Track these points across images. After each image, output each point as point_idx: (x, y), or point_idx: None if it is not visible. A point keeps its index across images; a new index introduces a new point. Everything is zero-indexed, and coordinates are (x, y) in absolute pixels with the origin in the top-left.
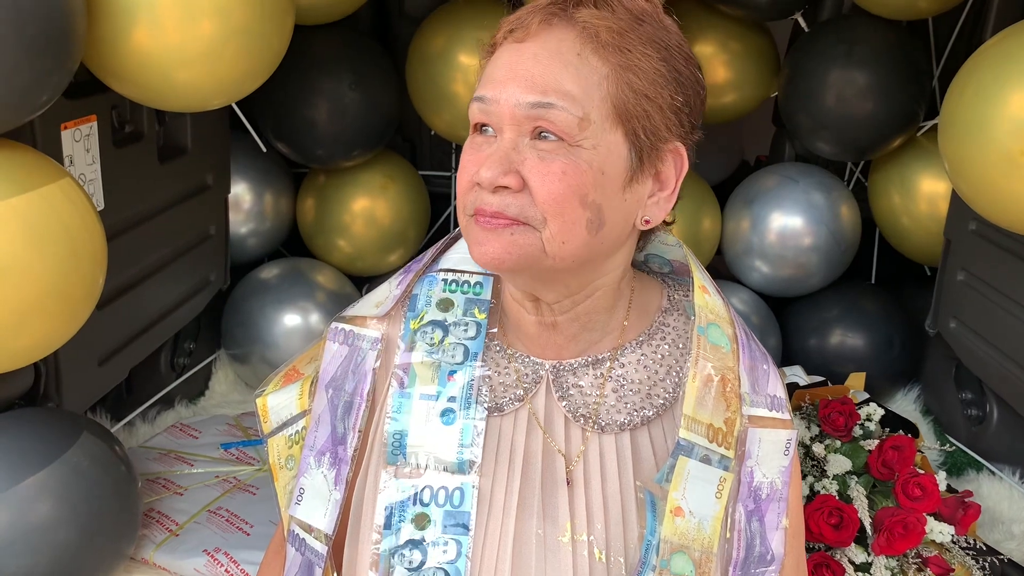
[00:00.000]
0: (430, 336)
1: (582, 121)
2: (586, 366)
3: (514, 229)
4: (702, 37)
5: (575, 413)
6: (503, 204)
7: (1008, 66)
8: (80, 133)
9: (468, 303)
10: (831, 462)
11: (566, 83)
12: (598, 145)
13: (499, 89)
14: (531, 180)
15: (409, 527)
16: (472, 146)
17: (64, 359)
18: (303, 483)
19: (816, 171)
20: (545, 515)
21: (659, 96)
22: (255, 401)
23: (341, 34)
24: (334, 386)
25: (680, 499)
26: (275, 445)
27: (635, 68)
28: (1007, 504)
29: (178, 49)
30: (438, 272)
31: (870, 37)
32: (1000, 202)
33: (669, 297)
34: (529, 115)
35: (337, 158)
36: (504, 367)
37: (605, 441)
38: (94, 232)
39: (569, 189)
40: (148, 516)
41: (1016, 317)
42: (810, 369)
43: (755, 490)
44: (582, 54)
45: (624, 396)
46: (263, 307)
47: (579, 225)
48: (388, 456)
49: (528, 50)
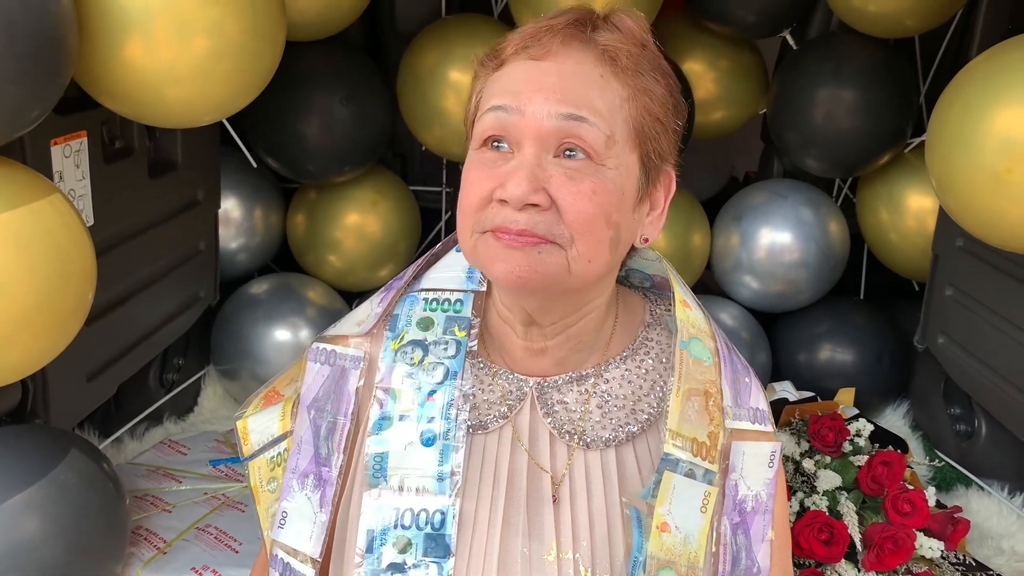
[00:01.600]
0: (410, 356)
1: (609, 139)
2: (571, 382)
3: (541, 248)
4: (691, 54)
5: (560, 429)
6: (531, 222)
7: (994, 84)
8: (70, 149)
9: (448, 321)
10: (821, 478)
11: (595, 100)
12: (619, 166)
13: (524, 100)
14: (561, 199)
15: (391, 551)
16: (483, 162)
17: (52, 375)
18: (285, 506)
19: (805, 187)
20: (530, 533)
21: (667, 120)
22: (235, 423)
23: (333, 50)
24: (316, 407)
25: (666, 514)
26: (256, 467)
27: (650, 92)
28: (996, 519)
29: (170, 66)
30: (419, 292)
31: (858, 55)
32: (987, 218)
33: (651, 312)
34: (559, 128)
35: (328, 174)
36: (488, 384)
37: (590, 457)
38: (83, 248)
39: (599, 208)
40: (136, 534)
41: (1004, 332)
42: (800, 384)
43: (740, 503)
44: (604, 75)
45: (609, 412)
46: (253, 323)
47: (604, 244)
48: (370, 479)
49: (550, 67)
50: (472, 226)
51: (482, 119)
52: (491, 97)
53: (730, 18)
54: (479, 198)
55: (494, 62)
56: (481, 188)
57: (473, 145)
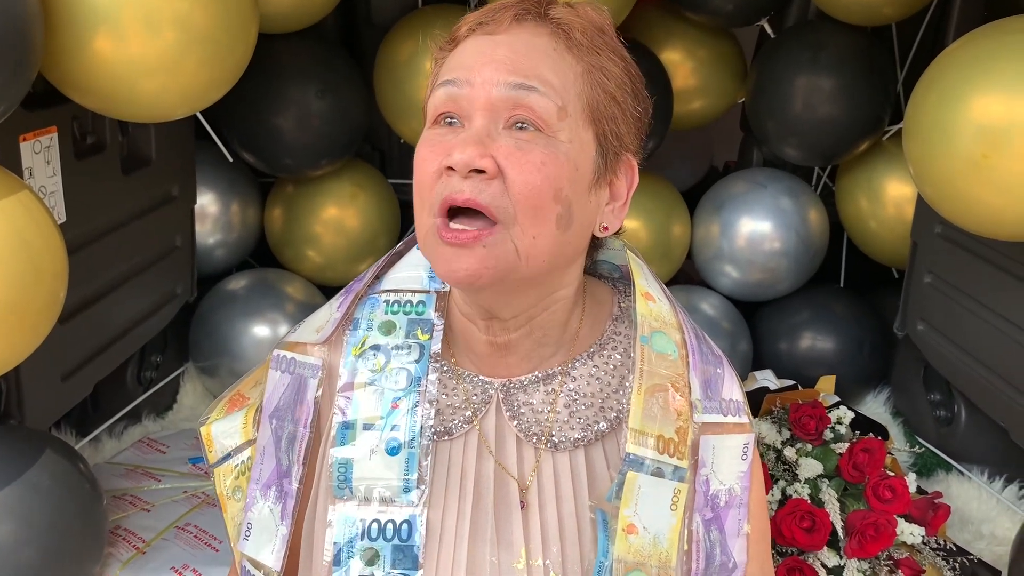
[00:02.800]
0: (372, 362)
1: (561, 110)
2: (536, 382)
3: (485, 240)
4: (669, 44)
5: (527, 432)
6: (476, 190)
7: (970, 70)
8: (40, 145)
9: (411, 324)
10: (802, 466)
11: (546, 72)
12: (573, 140)
13: (473, 72)
14: (508, 168)
15: (358, 563)
16: (433, 137)
17: (26, 375)
18: (250, 517)
19: (784, 176)
20: (499, 541)
21: (625, 102)
22: (199, 430)
23: (308, 42)
24: (277, 416)
25: (632, 516)
26: (221, 475)
27: (605, 70)
28: (976, 504)
29: (139, 59)
30: (380, 293)
31: (835, 43)
32: (964, 205)
33: (619, 304)
34: (508, 98)
35: (305, 167)
36: (452, 388)
37: (559, 460)
38: (54, 246)
39: (547, 181)
40: (114, 534)
41: (982, 319)
42: (780, 373)
43: (712, 499)
44: (557, 49)
45: (577, 411)
46: (231, 319)
47: (550, 220)
48: (334, 489)
49: (502, 40)
50: (428, 207)
51: (433, 95)
52: (443, 72)
53: (708, 7)
54: (429, 173)
55: (450, 45)
56: (431, 163)
57: (426, 125)
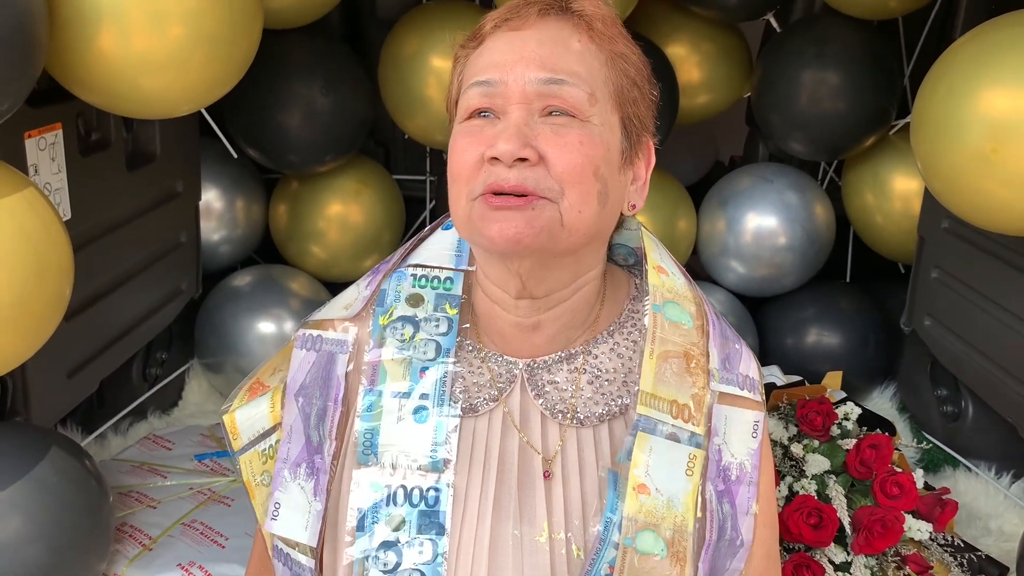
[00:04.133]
0: (400, 332)
1: (591, 97)
2: (560, 361)
3: (534, 204)
4: (675, 38)
5: (552, 410)
6: (522, 177)
7: (978, 65)
8: (45, 142)
9: (439, 298)
10: (809, 462)
11: (574, 64)
12: (604, 123)
13: (505, 71)
14: (548, 152)
15: (384, 528)
16: (471, 129)
17: (32, 372)
18: (279, 497)
19: (790, 171)
20: (522, 515)
21: (643, 86)
22: (222, 419)
23: (312, 38)
24: (304, 394)
25: (643, 476)
26: (248, 462)
27: (626, 57)
28: (984, 500)
29: (144, 56)
30: (407, 268)
31: (841, 37)
32: (972, 200)
33: (635, 285)
34: (541, 92)
35: (310, 163)
36: (477, 367)
37: (583, 435)
38: (59, 242)
39: (586, 159)
40: (121, 531)
41: (989, 314)
42: (787, 369)
43: (724, 470)
44: (581, 41)
45: (600, 387)
46: (236, 315)
47: (592, 196)
48: (359, 456)
49: (530, 36)
50: (467, 193)
51: (466, 94)
52: (474, 73)
53: (714, 1)
54: (470, 162)
55: (474, 42)
56: (471, 152)
57: (458, 120)
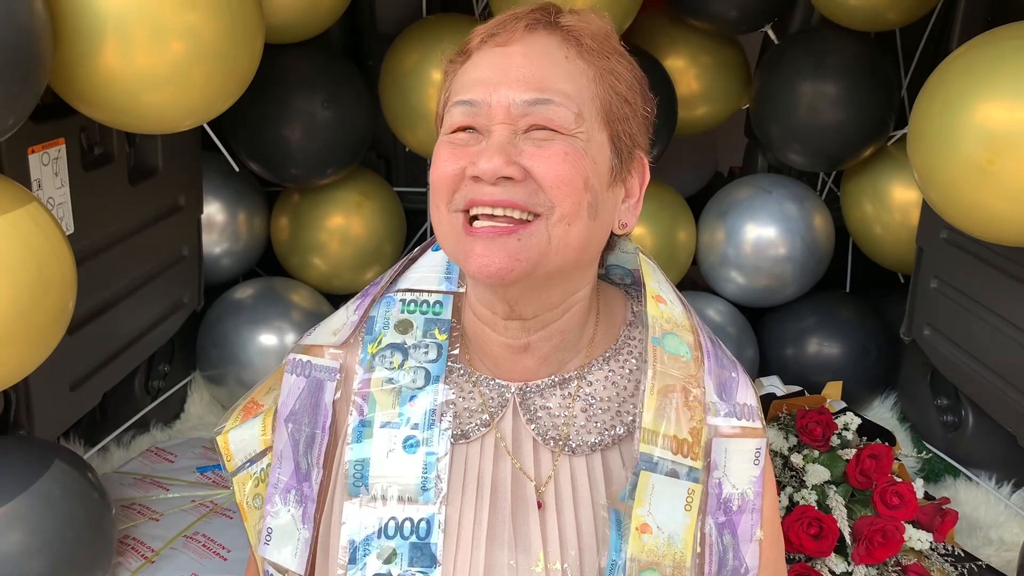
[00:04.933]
0: (389, 360)
1: (578, 117)
2: (553, 386)
3: (520, 233)
4: (673, 51)
5: (544, 436)
6: (509, 194)
7: (974, 76)
8: (48, 156)
9: (428, 324)
10: (809, 472)
11: (560, 82)
12: (590, 139)
13: (490, 91)
14: (535, 167)
15: (375, 561)
16: (453, 143)
17: (35, 385)
18: (270, 522)
19: (789, 182)
20: (517, 545)
21: (635, 102)
22: (215, 440)
23: (313, 53)
24: (294, 420)
25: (646, 515)
26: (241, 483)
27: (616, 73)
28: (984, 510)
29: (146, 71)
30: (396, 293)
31: (839, 49)
32: (969, 211)
33: (632, 309)
34: (526, 113)
35: (311, 176)
36: (468, 391)
37: (576, 463)
38: (63, 257)
39: (574, 168)
40: (123, 543)
41: (989, 323)
42: (787, 379)
43: (725, 502)
44: (569, 57)
45: (594, 415)
46: (238, 327)
47: (582, 207)
48: (350, 487)
49: (515, 52)
50: (447, 206)
51: (450, 112)
52: (459, 91)
53: (711, 14)
54: (450, 173)
55: (462, 57)
56: (452, 164)
57: (442, 133)
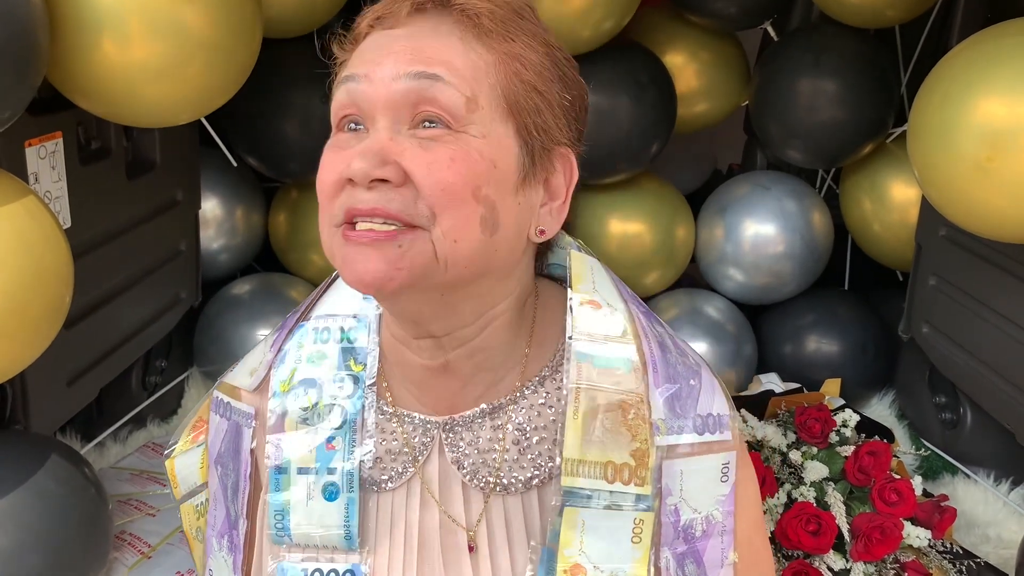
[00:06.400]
0: (303, 399)
1: (470, 102)
2: (482, 417)
3: (401, 240)
4: (672, 47)
5: (475, 475)
6: (382, 200)
7: (974, 73)
8: (45, 150)
9: (344, 354)
10: (808, 469)
11: (452, 59)
12: (488, 135)
13: (372, 66)
14: (415, 171)
15: None
16: (336, 144)
17: (31, 380)
18: (211, 564)
19: (788, 179)
20: None
21: (548, 91)
22: (165, 463)
23: (312, 47)
24: (222, 464)
25: (576, 555)
26: (186, 513)
27: (522, 58)
28: (983, 507)
29: (144, 64)
30: (310, 320)
31: (839, 45)
32: (968, 208)
33: None
34: (410, 91)
35: (309, 172)
36: (391, 432)
37: (509, 503)
38: (59, 251)
39: (460, 178)
40: (120, 539)
41: (987, 321)
42: (786, 376)
43: (684, 530)
44: (464, 39)
45: (528, 447)
46: (236, 323)
47: (472, 221)
48: (273, 537)
49: (402, 33)
50: (328, 219)
51: (335, 97)
52: (344, 70)
53: (711, 10)
54: (329, 183)
55: (350, 44)
56: (332, 172)
57: (333, 132)
